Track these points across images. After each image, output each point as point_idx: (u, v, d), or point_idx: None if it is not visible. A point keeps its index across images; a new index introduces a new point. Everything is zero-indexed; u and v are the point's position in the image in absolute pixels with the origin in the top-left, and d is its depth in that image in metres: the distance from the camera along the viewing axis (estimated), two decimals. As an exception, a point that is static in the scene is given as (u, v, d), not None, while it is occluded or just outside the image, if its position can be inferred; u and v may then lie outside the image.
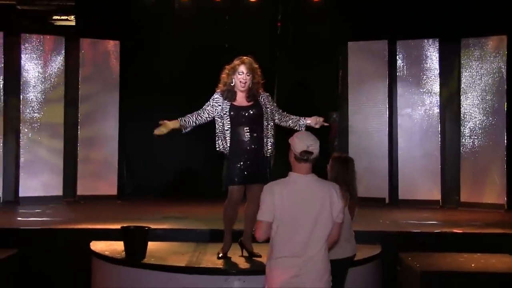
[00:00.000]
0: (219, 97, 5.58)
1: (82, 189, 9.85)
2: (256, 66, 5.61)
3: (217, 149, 5.61)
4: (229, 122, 5.50)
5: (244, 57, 5.61)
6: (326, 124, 5.71)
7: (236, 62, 5.59)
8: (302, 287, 3.70)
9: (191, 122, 5.61)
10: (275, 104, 5.81)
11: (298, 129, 5.58)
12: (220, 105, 5.54)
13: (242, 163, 5.47)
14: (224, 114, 5.51)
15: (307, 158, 3.77)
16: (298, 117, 5.72)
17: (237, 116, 5.50)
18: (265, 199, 3.79)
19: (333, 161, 4.97)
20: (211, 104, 5.59)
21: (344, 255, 4.83)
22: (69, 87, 9.89)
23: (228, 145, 5.50)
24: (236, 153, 5.47)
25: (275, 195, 3.75)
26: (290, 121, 5.70)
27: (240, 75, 5.51)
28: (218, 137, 5.58)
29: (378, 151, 9.79)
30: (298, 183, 3.79)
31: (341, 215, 3.82)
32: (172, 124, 5.62)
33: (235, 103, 5.54)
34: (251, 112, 5.53)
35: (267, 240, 3.83)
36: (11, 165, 9.58)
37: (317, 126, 5.65)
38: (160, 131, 5.61)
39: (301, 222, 3.72)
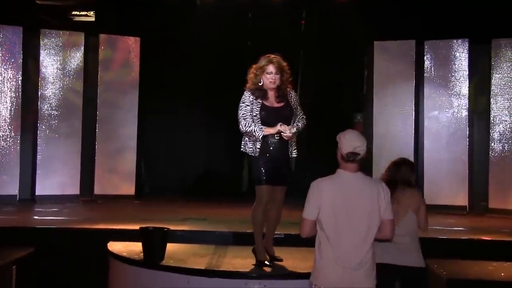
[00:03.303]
0: (249, 96, 5.47)
1: (100, 188, 9.93)
2: (285, 64, 5.53)
3: (242, 150, 5.54)
4: (259, 123, 5.39)
5: (272, 56, 5.51)
6: (285, 134, 5.35)
7: (263, 61, 5.49)
8: (352, 285, 3.79)
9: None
10: (300, 107, 5.71)
11: None
12: (250, 105, 5.44)
13: (269, 164, 5.41)
14: (255, 115, 5.42)
15: (353, 159, 3.85)
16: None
17: (268, 116, 5.41)
18: (312, 197, 3.87)
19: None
20: (246, 103, 5.44)
21: (419, 264, 4.87)
22: (88, 83, 9.97)
23: (258, 146, 5.41)
24: (264, 154, 5.40)
25: (323, 192, 3.84)
26: None
27: (269, 74, 5.43)
28: (248, 139, 5.48)
29: (403, 154, 9.45)
30: (346, 180, 3.88)
31: (389, 212, 3.89)
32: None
33: (266, 103, 5.46)
34: (283, 114, 5.46)
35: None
36: (28, 163, 9.65)
37: (285, 138, 5.40)
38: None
39: (350, 219, 3.80)
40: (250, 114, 5.41)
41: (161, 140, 11.04)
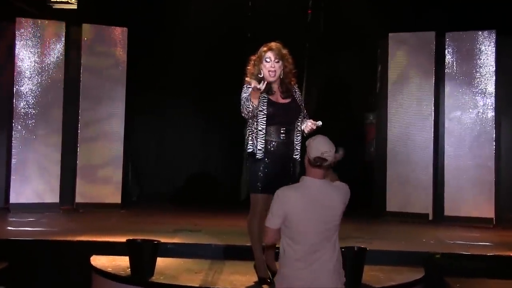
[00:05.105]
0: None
1: (82, 196, 9.89)
2: (285, 51, 5.50)
3: (249, 151, 5.43)
4: (264, 121, 5.33)
5: (271, 43, 5.50)
6: (314, 126, 5.34)
7: (262, 49, 5.49)
8: None
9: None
10: (303, 105, 5.67)
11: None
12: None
13: (270, 168, 5.35)
14: (260, 110, 5.34)
15: (320, 164, 4.21)
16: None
17: (274, 114, 5.35)
18: (275, 206, 4.20)
19: None
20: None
21: None
22: (70, 79, 9.93)
23: (259, 147, 5.35)
24: (266, 157, 5.35)
25: (287, 200, 4.15)
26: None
27: (268, 62, 5.40)
28: (250, 138, 5.42)
29: (421, 160, 9.72)
30: (312, 188, 4.23)
31: None
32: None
33: (272, 98, 5.41)
34: (290, 111, 5.43)
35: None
36: (1, 167, 9.66)
37: (305, 131, 5.40)
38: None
39: (315, 226, 4.10)
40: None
41: (151, 142, 11.04)
